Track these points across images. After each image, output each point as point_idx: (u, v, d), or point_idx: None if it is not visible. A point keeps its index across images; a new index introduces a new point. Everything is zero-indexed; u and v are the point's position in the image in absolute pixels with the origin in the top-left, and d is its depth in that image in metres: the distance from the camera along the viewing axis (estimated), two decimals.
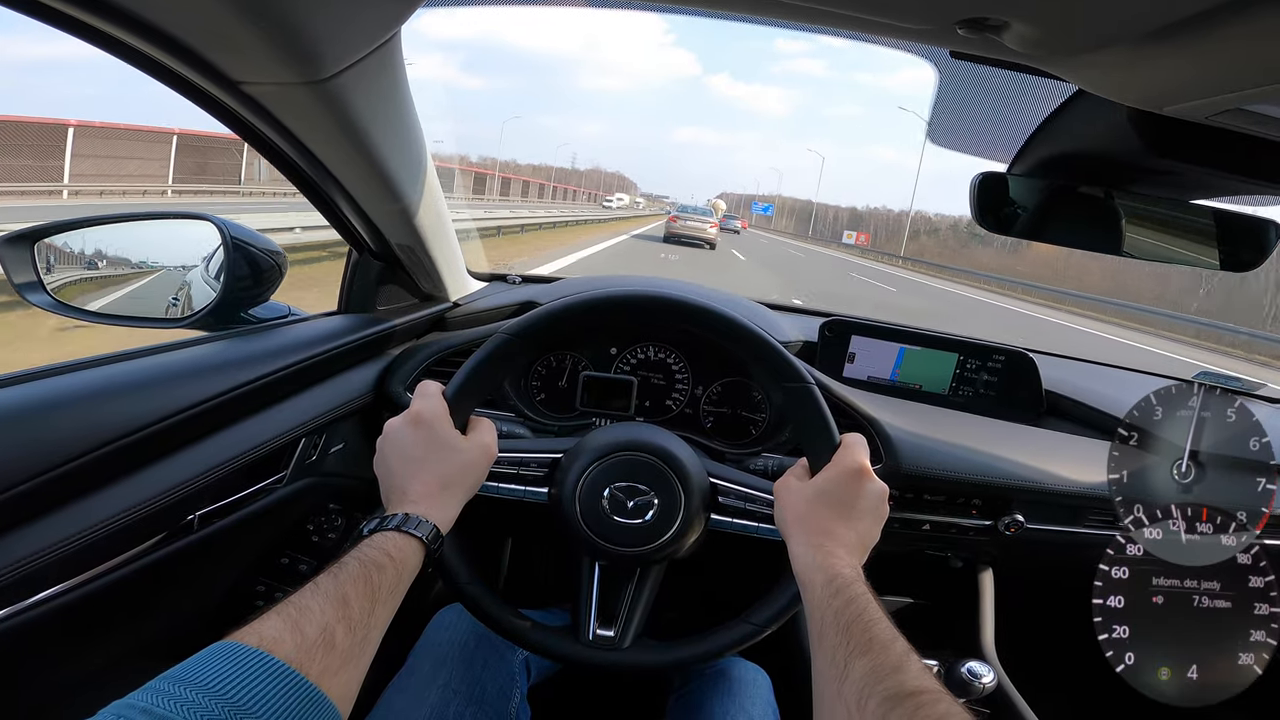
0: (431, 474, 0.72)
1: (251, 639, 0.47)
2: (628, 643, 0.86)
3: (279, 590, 0.99)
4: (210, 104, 0.71)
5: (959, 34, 0.56)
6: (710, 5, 0.65)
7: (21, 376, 0.65)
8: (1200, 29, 0.48)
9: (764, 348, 0.86)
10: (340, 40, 0.65)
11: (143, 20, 0.56)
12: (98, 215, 0.98)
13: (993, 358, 1.31)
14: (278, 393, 0.89)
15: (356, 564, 0.58)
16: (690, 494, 0.85)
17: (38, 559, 0.58)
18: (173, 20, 0.57)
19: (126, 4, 0.53)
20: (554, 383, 1.23)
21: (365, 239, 1.07)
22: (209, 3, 0.53)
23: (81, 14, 0.54)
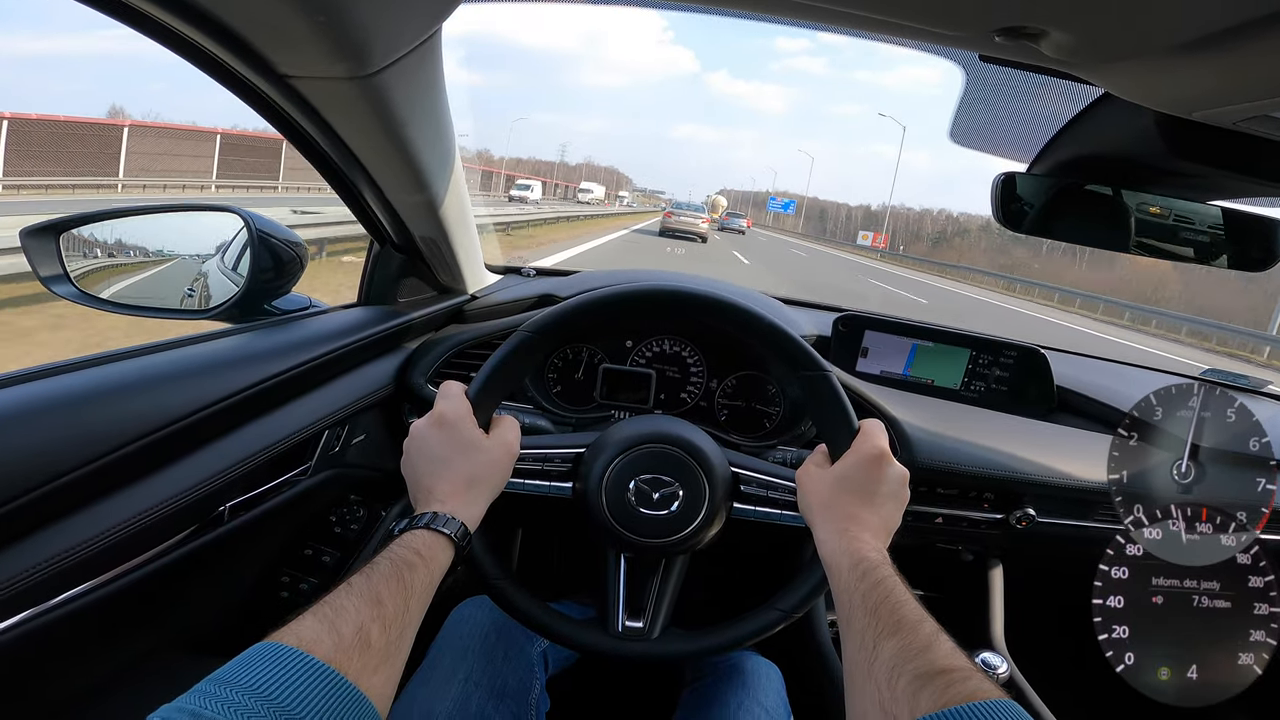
0: (457, 473, 0.73)
1: (290, 639, 0.48)
2: (656, 633, 0.87)
3: (303, 581, 1.01)
4: (250, 94, 0.71)
5: (995, 40, 0.57)
6: (746, 6, 0.66)
7: (58, 368, 0.66)
8: (1234, 39, 0.49)
9: (781, 338, 0.87)
10: (387, 36, 0.66)
11: (199, 8, 0.56)
12: (121, 207, 0.99)
13: (1004, 353, 1.32)
14: (304, 385, 0.90)
15: (388, 563, 0.60)
16: (714, 484, 0.86)
17: (76, 553, 0.59)
18: (229, 10, 0.57)
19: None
20: (570, 375, 1.24)
21: (389, 231, 1.08)
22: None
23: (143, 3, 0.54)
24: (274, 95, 0.72)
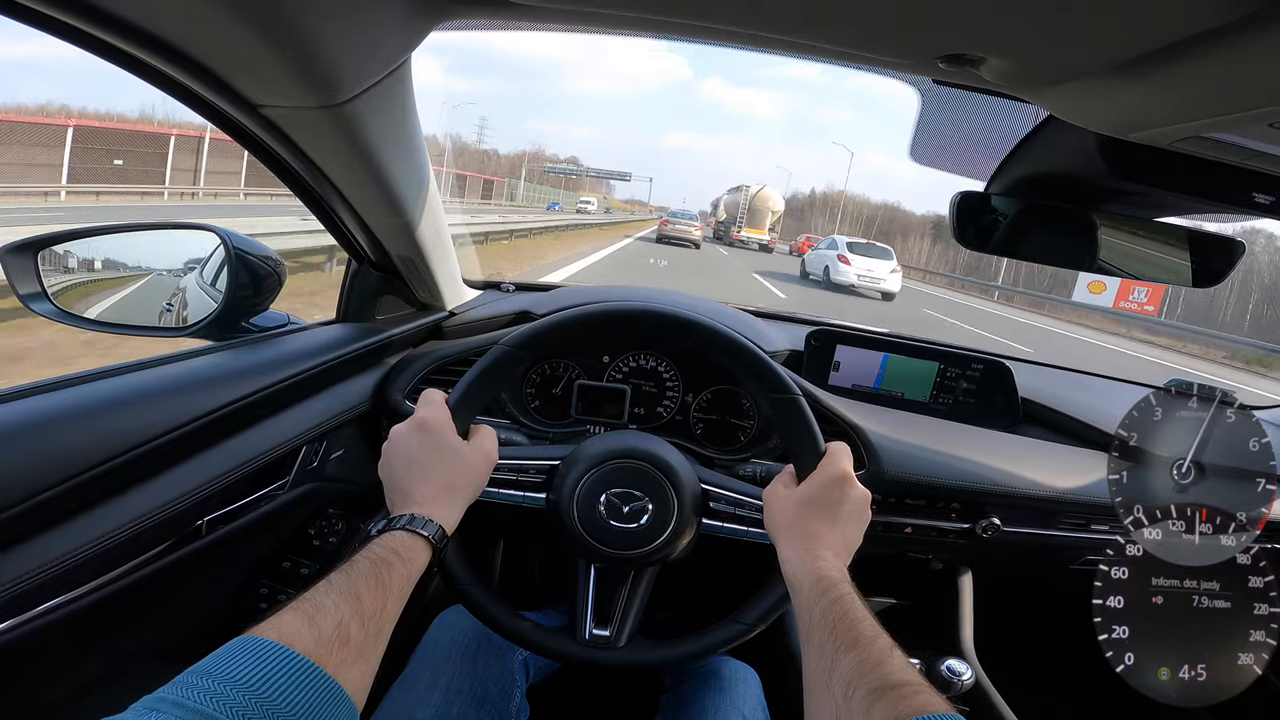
0: (437, 477, 0.74)
1: (271, 633, 0.49)
2: (623, 642, 0.90)
3: (282, 593, 1.01)
4: (226, 122, 0.73)
5: (939, 66, 0.60)
6: (702, 35, 0.69)
7: (35, 388, 0.67)
8: (1163, 62, 0.52)
9: (754, 361, 0.90)
10: (356, 67, 0.68)
11: (171, 45, 0.58)
12: (100, 225, 1.00)
13: (971, 366, 1.35)
14: (282, 401, 0.92)
15: (366, 562, 0.61)
16: (683, 499, 0.89)
17: (56, 565, 0.60)
18: (199, 46, 0.59)
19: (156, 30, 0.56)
20: (548, 390, 1.26)
21: (366, 250, 1.10)
22: (237, 30, 0.56)
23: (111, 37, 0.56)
24: (249, 124, 0.74)
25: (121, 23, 0.55)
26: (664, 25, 0.66)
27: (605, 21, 0.66)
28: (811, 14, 0.57)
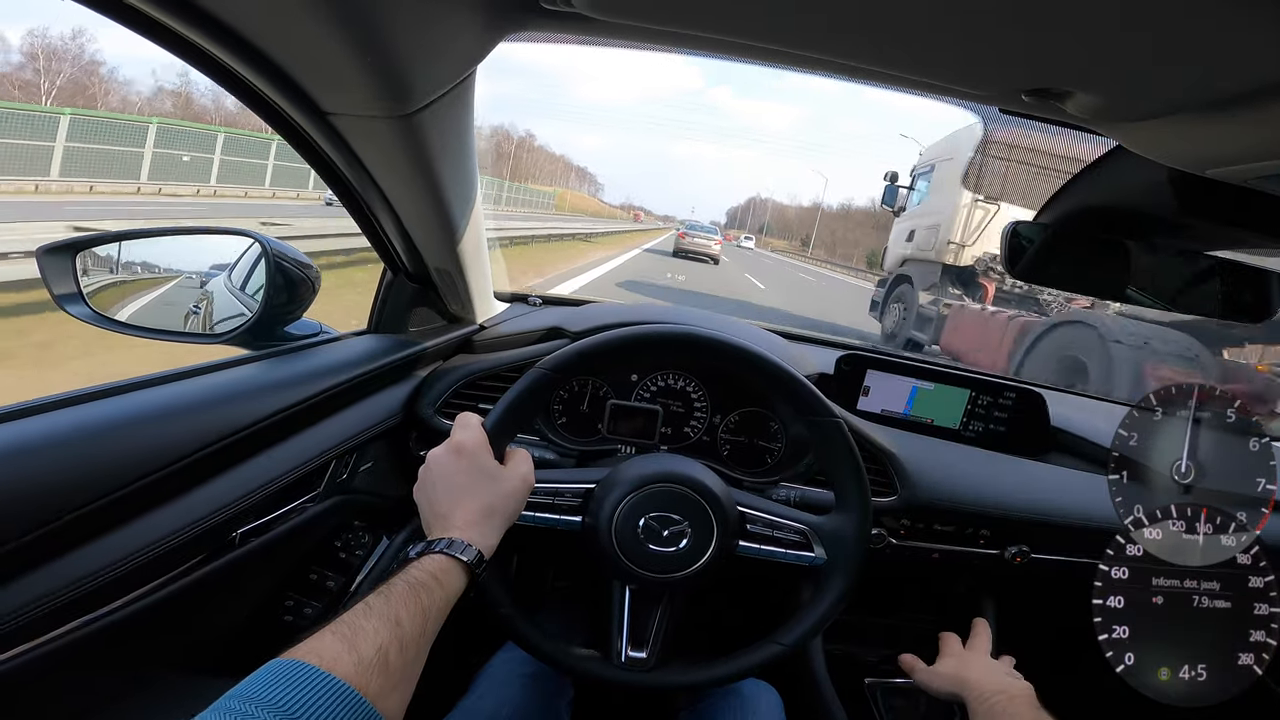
0: (475, 502, 0.73)
1: (311, 658, 0.48)
2: (658, 664, 0.90)
3: (307, 605, 1.00)
4: (287, 127, 0.73)
5: (1022, 99, 0.59)
6: (772, 59, 0.68)
7: (74, 398, 0.66)
8: (1252, 101, 0.52)
9: (795, 385, 0.91)
10: (427, 77, 0.67)
11: (253, 46, 0.57)
12: (137, 229, 0.99)
13: (1004, 394, 1.34)
14: (317, 414, 0.91)
15: (404, 585, 0.60)
16: (723, 523, 0.89)
17: (90, 581, 0.59)
18: (278, 48, 0.59)
19: (243, 30, 0.55)
20: (575, 407, 1.24)
21: (404, 261, 1.09)
22: (323, 37, 0.55)
23: (197, 36, 0.55)
24: (312, 131, 0.73)
25: (210, 20, 0.54)
26: (735, 47, 0.65)
27: (678, 41, 0.65)
28: (898, 46, 0.56)
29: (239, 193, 17.82)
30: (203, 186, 17.09)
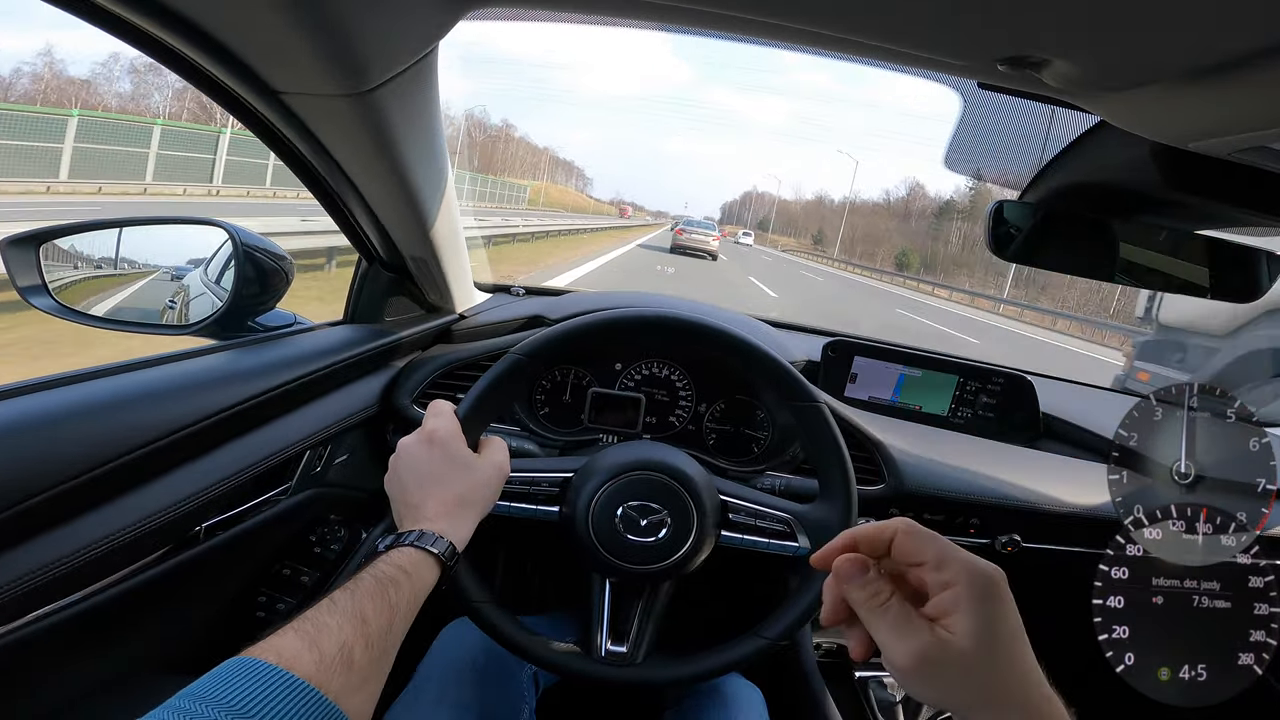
0: (448, 492, 0.71)
1: (270, 655, 0.46)
2: (640, 658, 0.87)
3: (281, 601, 0.98)
4: (239, 109, 0.70)
5: (998, 69, 0.57)
6: (739, 28, 0.66)
7: (33, 385, 0.64)
8: (1236, 70, 0.50)
9: (775, 368, 0.89)
10: (385, 52, 0.65)
11: (195, 25, 0.55)
12: (104, 219, 0.97)
13: (992, 380, 1.33)
14: (288, 403, 0.89)
15: (372, 580, 0.58)
16: (703, 512, 0.86)
17: (46, 573, 0.57)
18: (226, 28, 0.57)
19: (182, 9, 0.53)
20: (558, 397, 1.22)
21: (377, 249, 1.07)
22: (267, 13, 0.53)
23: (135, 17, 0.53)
24: (265, 111, 0.71)
25: None
26: (699, 16, 0.63)
27: (640, 12, 0.63)
28: (868, 11, 0.54)
29: (241, 192, 17.73)
30: (211, 186, 17.05)
